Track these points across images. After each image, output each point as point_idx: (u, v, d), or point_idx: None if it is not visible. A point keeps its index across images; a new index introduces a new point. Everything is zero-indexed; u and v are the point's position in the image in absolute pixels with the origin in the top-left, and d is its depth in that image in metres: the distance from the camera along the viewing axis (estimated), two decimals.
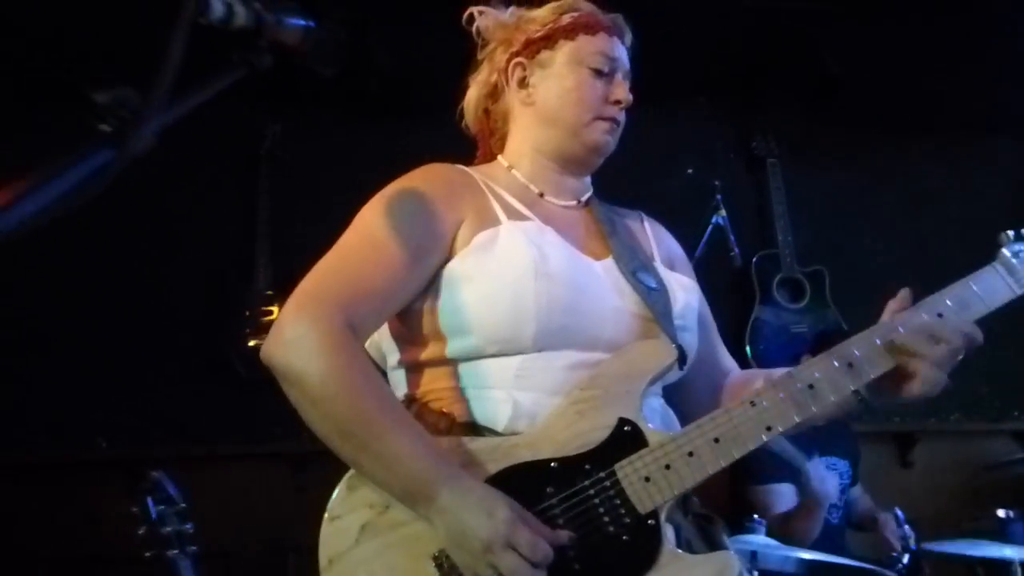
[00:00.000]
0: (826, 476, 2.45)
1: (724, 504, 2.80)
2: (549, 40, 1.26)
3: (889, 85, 3.32)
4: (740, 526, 2.33)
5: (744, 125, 3.63)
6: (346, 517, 1.07)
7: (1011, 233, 1.18)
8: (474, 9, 1.33)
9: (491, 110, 1.33)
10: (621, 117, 1.28)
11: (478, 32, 1.34)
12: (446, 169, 1.27)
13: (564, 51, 1.26)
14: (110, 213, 3.23)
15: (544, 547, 0.96)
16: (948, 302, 1.12)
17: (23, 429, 3.11)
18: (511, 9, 1.34)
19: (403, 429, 1.05)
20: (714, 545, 1.13)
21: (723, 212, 2.67)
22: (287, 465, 3.19)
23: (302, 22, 0.88)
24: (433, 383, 1.16)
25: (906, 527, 2.28)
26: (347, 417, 1.04)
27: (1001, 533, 2.31)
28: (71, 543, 3.07)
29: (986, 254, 1.19)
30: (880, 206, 3.58)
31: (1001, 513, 2.34)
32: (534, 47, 1.27)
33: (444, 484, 0.99)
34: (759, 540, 2.09)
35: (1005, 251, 1.16)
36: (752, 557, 2.03)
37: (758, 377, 1.24)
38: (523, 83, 1.29)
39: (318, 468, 3.05)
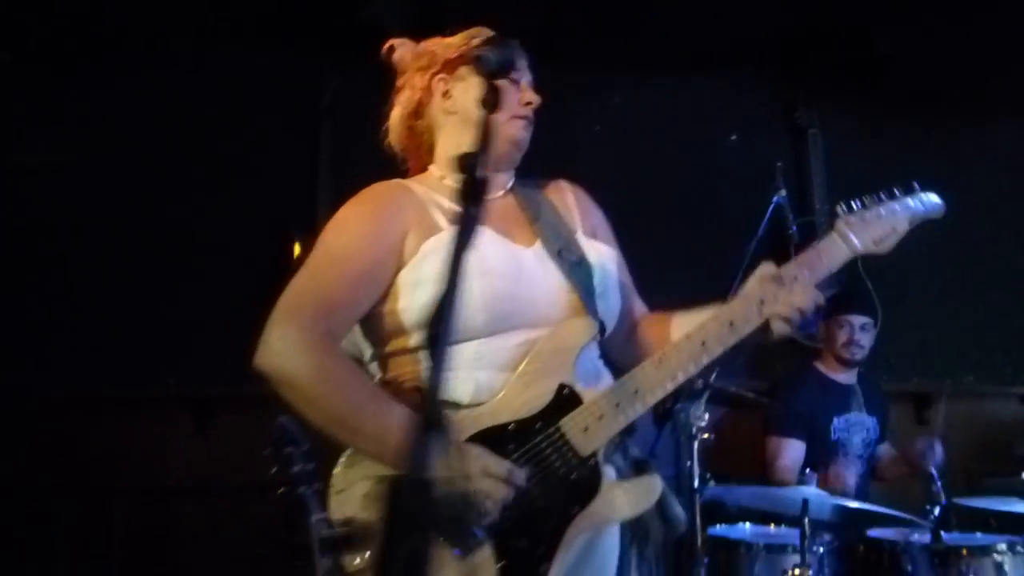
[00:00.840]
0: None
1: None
2: (465, 57, 1.45)
3: (932, 61, 3.44)
4: None
5: (788, 96, 3.76)
6: (349, 490, 1.31)
7: (843, 206, 1.42)
8: (393, 41, 1.55)
9: (414, 126, 1.53)
10: (531, 116, 1.48)
11: (395, 62, 1.55)
12: (387, 188, 1.46)
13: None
14: (176, 164, 3.36)
15: (507, 468, 1.23)
16: (799, 266, 1.38)
17: (95, 365, 3.27)
18: (423, 43, 1.54)
19: (387, 409, 1.26)
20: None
21: (783, 191, 2.81)
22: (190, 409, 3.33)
23: None
24: (401, 368, 1.38)
25: (938, 483, 2.51)
26: (339, 408, 1.28)
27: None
28: (141, 475, 3.28)
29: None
30: (917, 180, 3.73)
31: None
32: (452, 64, 1.47)
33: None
34: (811, 491, 2.30)
35: (839, 221, 1.40)
36: (804, 505, 2.23)
37: (662, 320, 1.53)
38: (446, 95, 1.48)
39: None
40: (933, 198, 1.49)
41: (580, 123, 3.73)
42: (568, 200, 1.60)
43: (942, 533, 2.30)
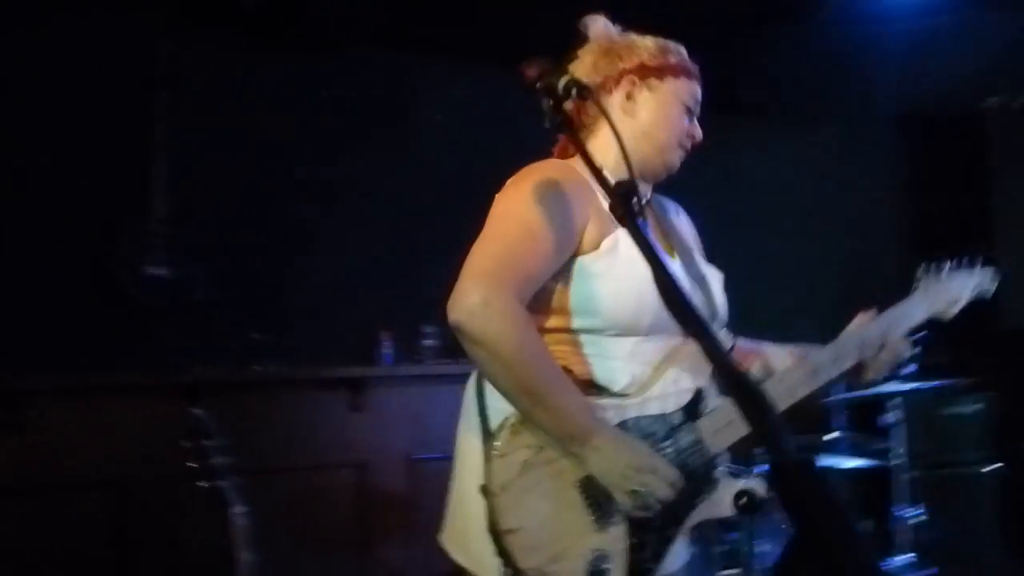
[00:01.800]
0: None
1: None
2: (661, 72, 1.53)
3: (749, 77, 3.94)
4: None
5: None
6: (511, 455, 1.36)
7: (924, 266, 1.67)
8: (593, 15, 1.60)
9: (585, 105, 1.51)
10: (689, 150, 1.62)
11: (585, 31, 1.59)
12: (570, 171, 1.50)
13: (669, 86, 1.55)
14: None
15: (674, 473, 1.36)
16: (889, 320, 1.60)
17: None
18: (617, 26, 1.60)
19: (568, 390, 1.37)
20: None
21: None
22: (181, 395, 3.23)
23: None
24: (552, 346, 1.45)
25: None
26: (532, 379, 1.34)
27: None
28: None
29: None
30: (723, 176, 4.27)
31: None
32: (646, 72, 1.53)
33: (597, 431, 1.34)
34: None
35: (920, 283, 1.66)
36: None
37: (761, 346, 1.69)
38: (630, 96, 1.54)
39: (212, 397, 3.17)
40: (990, 274, 1.73)
41: (422, 111, 3.83)
42: (683, 220, 1.72)
43: None
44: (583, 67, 1.56)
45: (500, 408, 1.39)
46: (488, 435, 1.39)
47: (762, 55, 3.80)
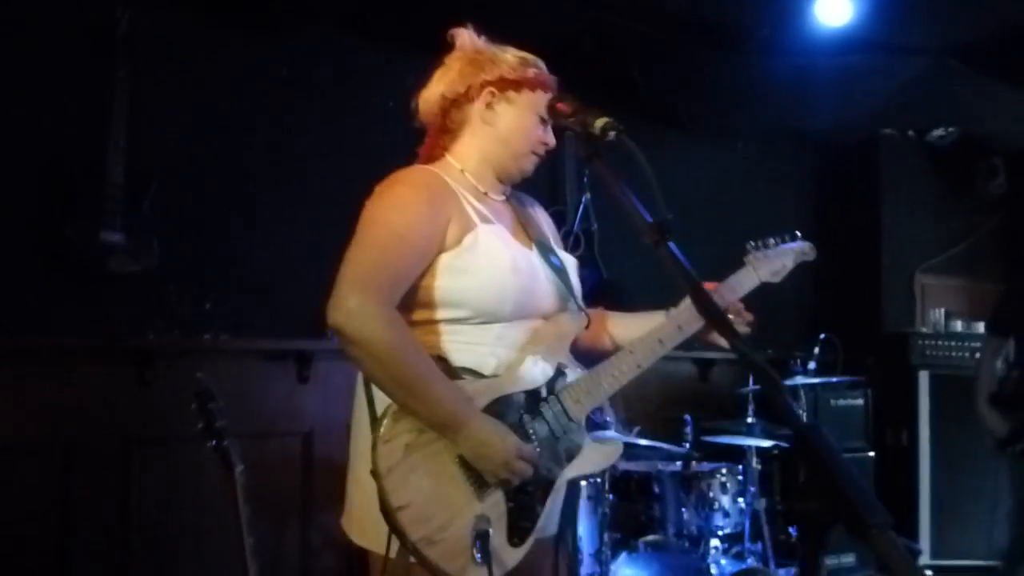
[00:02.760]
0: None
1: None
2: (519, 85, 1.65)
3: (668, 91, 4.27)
4: None
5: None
6: (394, 440, 1.46)
7: (751, 243, 1.93)
8: (461, 29, 1.73)
9: (449, 112, 1.68)
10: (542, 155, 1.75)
11: (455, 42, 1.71)
12: (432, 175, 1.64)
13: (526, 97, 1.66)
14: None
15: (534, 452, 1.54)
16: (728, 289, 1.83)
17: None
18: (483, 43, 1.72)
19: (440, 381, 1.50)
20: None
21: (588, 194, 3.39)
22: (132, 361, 3.27)
23: None
24: (425, 337, 1.58)
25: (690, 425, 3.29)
26: (405, 374, 1.46)
27: None
28: None
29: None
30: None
31: None
32: (506, 84, 1.64)
33: (469, 420, 1.48)
34: None
35: (749, 256, 1.90)
36: None
37: (607, 318, 1.91)
38: (489, 106, 1.66)
39: (163, 364, 3.24)
40: (808, 244, 2.01)
41: (375, 98, 3.95)
42: (539, 214, 1.86)
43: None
44: (450, 75, 1.69)
45: (383, 398, 1.50)
46: (375, 423, 1.49)
47: (694, 77, 4.14)
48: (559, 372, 1.65)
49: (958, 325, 4.92)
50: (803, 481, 0.90)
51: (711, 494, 3.05)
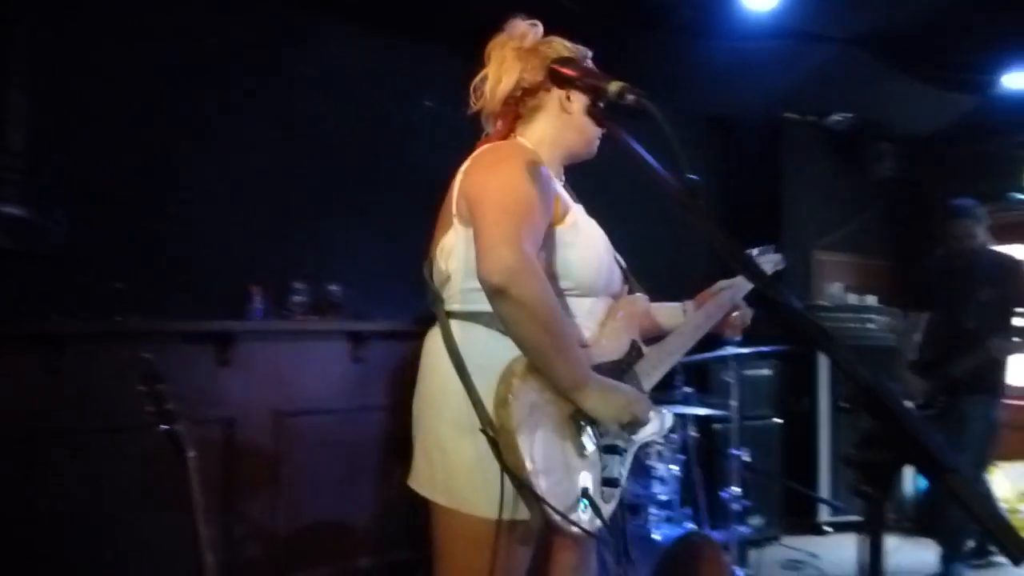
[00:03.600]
0: None
1: None
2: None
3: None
4: None
5: (474, 71, 4.31)
6: (522, 398, 1.51)
7: (754, 251, 2.13)
8: (516, 20, 1.78)
9: (522, 100, 1.74)
10: None
11: (523, 36, 1.75)
12: (537, 155, 1.67)
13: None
14: None
15: (651, 402, 1.68)
16: (732, 292, 2.00)
17: None
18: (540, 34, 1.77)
19: (577, 345, 1.60)
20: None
21: None
22: (38, 345, 3.01)
23: None
24: None
25: None
26: (558, 334, 1.51)
27: None
28: None
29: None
30: None
31: None
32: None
33: (593, 378, 1.57)
34: None
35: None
36: None
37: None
38: (569, 97, 1.73)
39: (72, 349, 3.00)
40: (781, 256, 2.23)
41: (296, 68, 3.79)
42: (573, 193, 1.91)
43: None
44: (520, 65, 1.73)
45: (480, 361, 1.55)
46: (469, 385, 1.54)
47: (614, 54, 4.18)
48: (634, 347, 1.76)
49: (852, 298, 5.25)
50: (871, 432, 0.94)
51: (649, 463, 3.13)
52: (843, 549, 4.46)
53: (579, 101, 1.70)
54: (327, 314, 3.67)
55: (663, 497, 3.18)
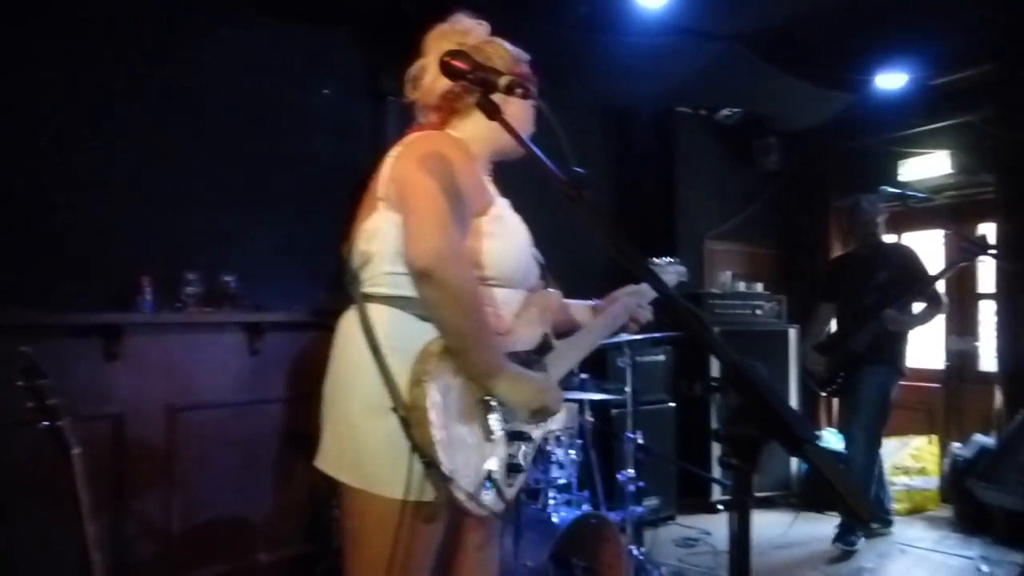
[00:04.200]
0: None
1: None
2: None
3: None
4: None
5: (374, 62, 4.28)
6: (438, 379, 1.55)
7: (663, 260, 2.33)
8: (461, 14, 1.81)
9: (462, 96, 1.73)
10: None
11: (466, 32, 1.78)
12: (467, 148, 1.72)
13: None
14: None
15: (560, 392, 1.76)
16: (639, 295, 2.12)
17: None
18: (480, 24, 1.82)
19: (493, 332, 1.64)
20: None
21: None
22: None
23: None
24: None
25: None
26: (479, 320, 1.56)
27: None
28: None
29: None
30: None
31: None
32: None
33: (507, 365, 1.62)
34: None
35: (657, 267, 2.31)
36: None
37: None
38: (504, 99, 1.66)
39: None
40: (684, 268, 2.44)
41: (191, 52, 3.67)
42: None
43: None
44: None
45: (393, 342, 1.57)
46: (383, 365, 1.56)
47: (514, 45, 4.23)
48: (546, 339, 1.82)
49: (741, 286, 5.49)
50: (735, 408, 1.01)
51: (548, 448, 3.20)
52: None
53: (514, 104, 1.71)
54: (222, 305, 3.58)
55: (562, 481, 3.25)
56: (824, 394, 4.47)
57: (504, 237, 1.70)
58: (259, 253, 3.81)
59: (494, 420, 1.65)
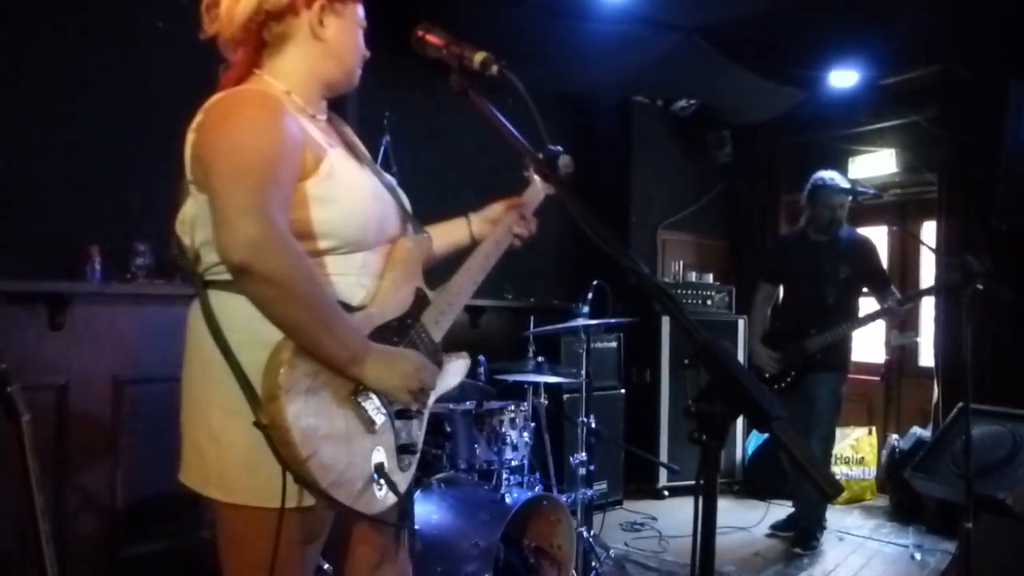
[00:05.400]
0: None
1: None
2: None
3: None
4: None
5: None
6: (294, 388, 1.35)
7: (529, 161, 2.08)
8: None
9: (266, 25, 1.51)
10: None
11: None
12: (273, 99, 1.44)
13: (351, 9, 1.59)
14: None
15: (433, 365, 1.59)
16: (525, 204, 1.95)
17: None
18: None
19: (343, 315, 1.43)
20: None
21: (388, 137, 3.33)
22: None
23: None
24: None
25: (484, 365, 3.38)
26: (321, 308, 1.37)
27: None
28: None
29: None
30: (409, 136, 4.61)
31: None
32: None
33: (370, 348, 1.44)
34: None
35: (530, 173, 1.98)
36: None
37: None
38: (321, 22, 1.53)
39: None
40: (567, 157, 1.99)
41: (144, 19, 3.57)
42: (351, 132, 1.73)
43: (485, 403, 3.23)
44: None
45: (246, 347, 1.39)
46: (235, 365, 1.38)
47: (475, 29, 4.21)
48: (419, 296, 1.65)
49: (692, 276, 5.58)
50: (707, 386, 0.96)
51: (502, 430, 3.22)
52: (679, 511, 4.78)
53: (334, 25, 1.54)
54: (172, 277, 3.50)
55: (514, 463, 3.29)
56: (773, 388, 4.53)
57: (341, 198, 1.47)
58: None
59: (372, 409, 1.48)
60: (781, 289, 4.50)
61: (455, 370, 1.79)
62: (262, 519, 1.39)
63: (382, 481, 1.48)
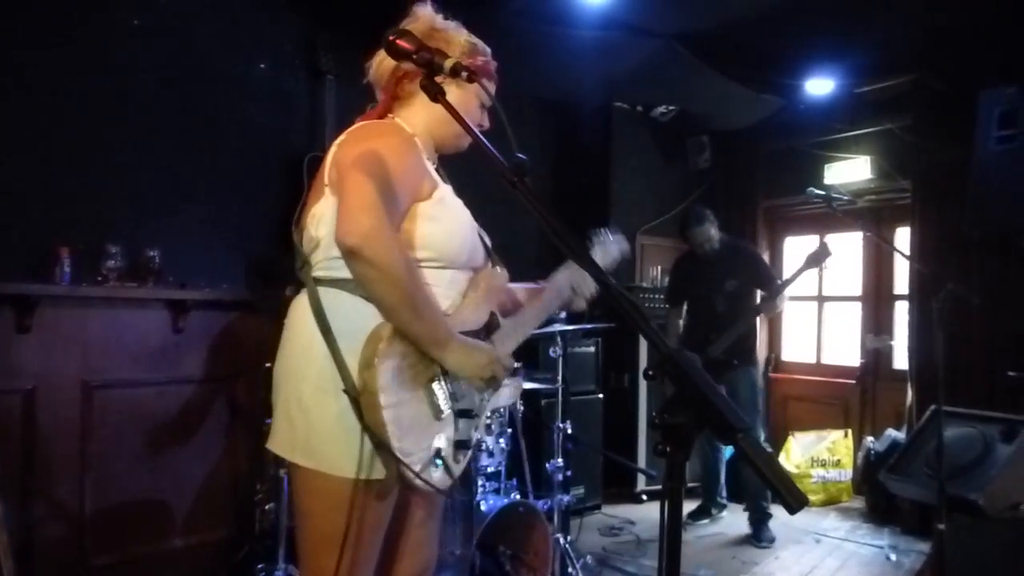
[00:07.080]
0: None
1: None
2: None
3: None
4: None
5: (313, 39, 4.19)
6: (387, 362, 1.58)
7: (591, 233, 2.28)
8: (422, 3, 1.84)
9: (402, 81, 1.80)
10: None
11: (415, 17, 1.80)
12: (410, 135, 1.75)
13: (475, 86, 1.71)
14: None
15: (510, 359, 1.83)
16: (578, 274, 2.16)
17: None
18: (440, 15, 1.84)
19: (435, 305, 1.69)
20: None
21: None
22: None
23: None
24: None
25: None
26: (416, 295, 1.60)
27: None
28: None
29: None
30: None
31: None
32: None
33: (455, 336, 1.68)
34: None
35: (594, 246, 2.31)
36: None
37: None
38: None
39: None
40: (624, 241, 2.38)
41: (120, 16, 3.53)
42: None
43: None
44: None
45: (350, 326, 1.61)
46: (334, 347, 1.61)
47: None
48: (493, 318, 1.88)
49: None
50: (672, 397, 1.02)
51: (478, 436, 3.20)
52: (657, 515, 4.74)
53: (454, 95, 1.73)
54: (145, 281, 3.46)
55: (491, 469, 3.27)
56: None
57: (445, 220, 1.74)
58: (185, 227, 3.70)
59: (443, 400, 1.70)
60: (684, 308, 4.82)
61: (511, 390, 1.98)
62: (338, 487, 1.61)
63: (439, 462, 1.68)
